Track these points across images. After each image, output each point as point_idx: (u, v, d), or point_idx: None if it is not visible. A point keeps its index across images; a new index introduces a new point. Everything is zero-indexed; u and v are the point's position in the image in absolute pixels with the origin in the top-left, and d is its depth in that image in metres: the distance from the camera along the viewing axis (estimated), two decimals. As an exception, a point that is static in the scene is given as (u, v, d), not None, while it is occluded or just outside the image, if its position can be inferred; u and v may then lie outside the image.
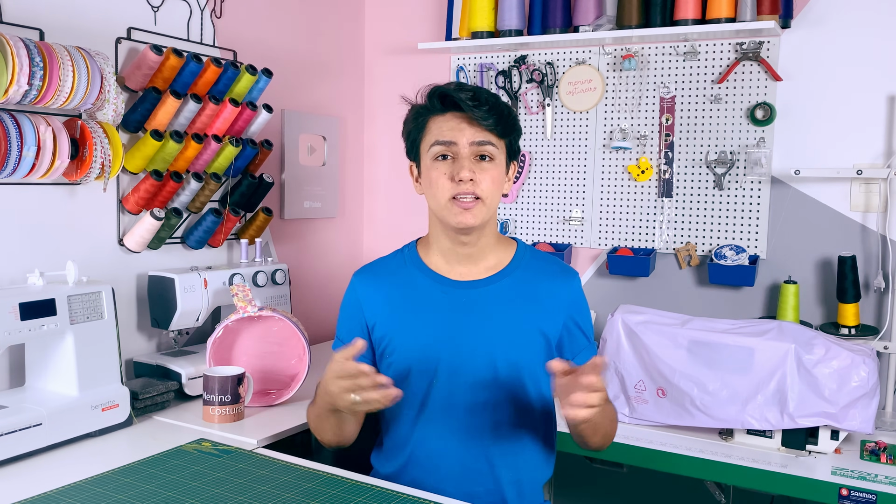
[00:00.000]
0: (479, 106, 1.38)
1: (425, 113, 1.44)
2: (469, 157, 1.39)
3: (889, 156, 2.18)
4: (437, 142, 1.41)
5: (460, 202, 1.39)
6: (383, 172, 3.01)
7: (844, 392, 1.72)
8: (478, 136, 1.39)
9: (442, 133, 1.41)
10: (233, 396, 1.80)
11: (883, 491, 1.59)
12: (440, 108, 1.42)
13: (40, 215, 1.88)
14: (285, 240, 2.66)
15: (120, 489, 1.42)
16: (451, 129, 1.40)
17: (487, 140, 1.40)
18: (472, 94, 1.40)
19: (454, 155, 1.40)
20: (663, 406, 1.88)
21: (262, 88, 2.27)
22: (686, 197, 2.46)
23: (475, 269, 1.48)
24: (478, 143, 1.39)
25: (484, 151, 1.40)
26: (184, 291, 2.03)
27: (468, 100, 1.38)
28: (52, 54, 1.69)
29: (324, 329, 2.80)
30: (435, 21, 2.84)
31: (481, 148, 1.40)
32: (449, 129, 1.40)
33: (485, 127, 1.39)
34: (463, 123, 1.40)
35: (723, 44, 2.38)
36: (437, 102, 1.42)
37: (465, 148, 1.39)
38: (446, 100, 1.41)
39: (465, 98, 1.38)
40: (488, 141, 1.40)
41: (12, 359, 1.82)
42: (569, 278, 1.52)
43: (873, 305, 2.23)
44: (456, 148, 1.40)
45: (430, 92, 1.43)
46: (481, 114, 1.38)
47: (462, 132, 1.40)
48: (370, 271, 1.55)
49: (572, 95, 2.59)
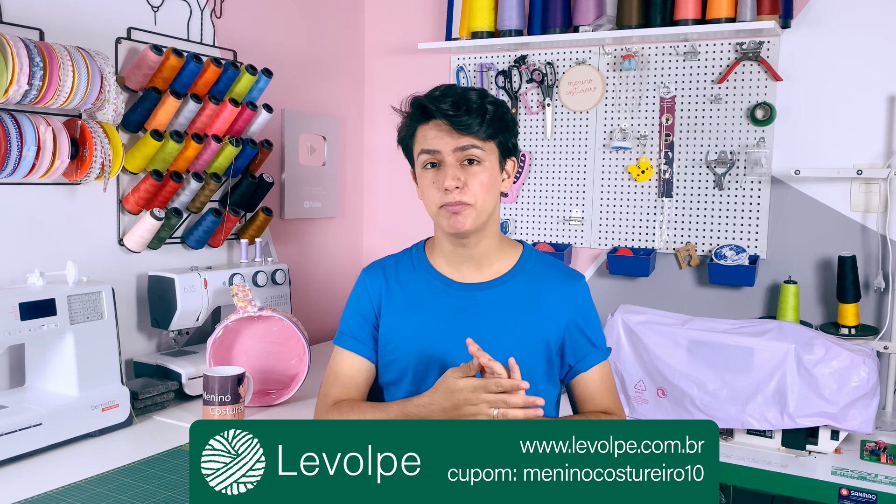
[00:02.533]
0: (458, 114, 1.36)
1: (412, 122, 1.44)
2: (454, 164, 1.38)
3: (889, 156, 2.18)
4: (423, 150, 1.41)
5: (449, 208, 1.39)
6: (383, 172, 3.01)
7: (844, 392, 1.72)
8: (461, 141, 1.38)
9: (427, 141, 1.40)
10: (233, 396, 1.80)
11: (883, 491, 1.59)
12: (422, 117, 1.42)
13: (40, 215, 1.88)
14: (285, 240, 2.66)
15: (120, 489, 1.42)
16: (435, 137, 1.39)
17: (471, 144, 1.38)
18: (453, 100, 1.38)
19: (440, 162, 1.40)
20: (663, 406, 1.88)
21: (262, 88, 2.27)
22: (686, 197, 2.46)
23: (479, 271, 1.48)
24: (461, 148, 1.38)
25: (469, 156, 1.39)
26: (184, 291, 2.03)
27: (448, 108, 1.37)
28: (52, 54, 1.69)
29: (324, 329, 2.80)
30: (435, 21, 2.83)
31: (466, 153, 1.39)
32: (433, 138, 1.40)
33: (468, 132, 1.38)
34: (444, 130, 1.39)
35: (723, 44, 2.38)
36: (418, 112, 1.42)
37: (449, 155, 1.38)
38: (426, 109, 1.40)
39: (444, 108, 1.37)
40: (472, 145, 1.38)
41: (12, 359, 1.82)
42: (573, 282, 1.50)
43: (873, 305, 2.23)
44: (440, 156, 1.39)
45: (412, 102, 1.43)
46: (462, 120, 1.37)
47: (444, 140, 1.38)
48: (379, 267, 1.56)
49: (572, 95, 2.59)
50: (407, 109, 1.45)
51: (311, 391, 1.95)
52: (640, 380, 1.91)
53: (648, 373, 1.90)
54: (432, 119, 1.40)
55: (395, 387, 1.48)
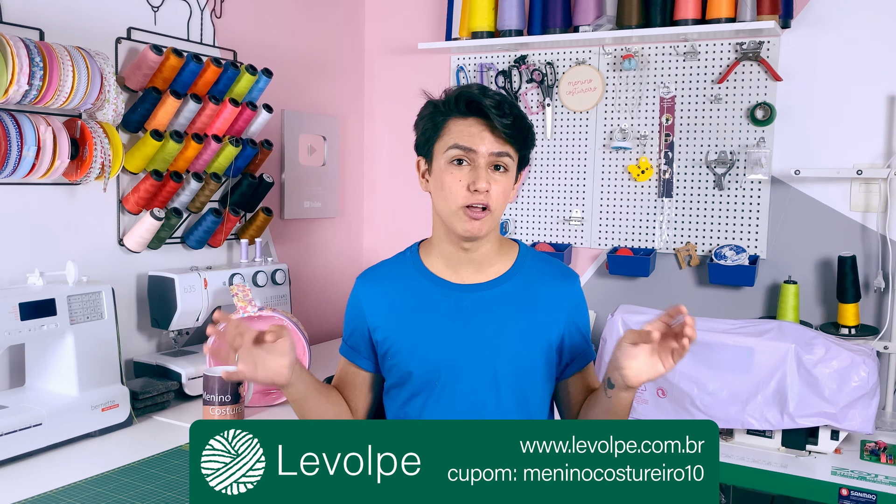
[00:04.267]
0: (503, 116, 1.36)
1: (446, 112, 1.42)
2: (486, 167, 1.38)
3: (889, 156, 2.18)
4: (457, 145, 1.38)
5: (471, 211, 1.38)
6: (383, 172, 3.01)
7: (844, 392, 1.72)
8: (497, 146, 1.38)
9: (462, 137, 1.38)
10: (233, 396, 1.80)
11: (883, 491, 1.59)
12: (464, 111, 1.40)
13: (40, 215, 1.88)
14: (285, 240, 2.66)
15: (120, 489, 1.42)
16: (472, 135, 1.38)
17: (506, 152, 1.38)
18: (497, 102, 1.37)
19: (471, 162, 1.38)
20: (663, 406, 1.88)
21: (262, 88, 2.27)
22: (686, 197, 2.46)
23: (477, 273, 1.48)
24: (496, 153, 1.38)
25: (500, 162, 1.39)
26: (184, 291, 2.03)
27: (493, 107, 1.36)
28: (52, 54, 1.69)
29: (324, 329, 2.80)
30: (435, 21, 2.83)
31: (499, 159, 1.38)
32: (470, 136, 1.38)
33: (505, 138, 1.38)
34: (485, 131, 1.38)
35: (723, 44, 2.38)
36: (463, 105, 1.39)
37: (483, 157, 1.37)
38: (472, 105, 1.38)
39: (490, 105, 1.36)
40: (506, 153, 1.38)
41: (12, 359, 1.82)
42: (569, 281, 1.51)
43: (873, 305, 2.23)
44: (474, 155, 1.38)
45: (457, 94, 1.40)
46: (505, 122, 1.36)
47: (483, 140, 1.37)
48: (372, 275, 1.55)
49: (572, 95, 2.59)
50: (441, 98, 1.42)
51: (311, 391, 1.94)
52: (640, 380, 1.91)
53: (648, 373, 1.90)
54: (472, 116, 1.39)
55: (397, 390, 1.48)
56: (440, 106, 1.42)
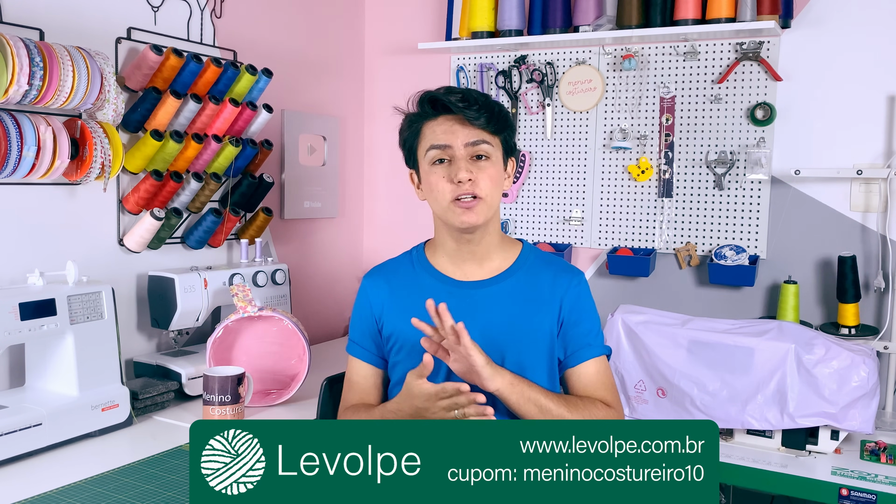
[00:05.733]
0: (469, 106, 1.40)
1: (418, 119, 1.47)
2: (465, 158, 1.41)
3: (889, 156, 2.18)
4: (433, 146, 1.43)
5: (461, 203, 1.41)
6: (383, 172, 3.01)
7: (844, 392, 1.72)
8: (471, 136, 1.41)
9: (436, 137, 1.42)
10: (233, 396, 1.80)
11: (883, 491, 1.59)
12: (432, 112, 1.44)
13: (40, 215, 1.88)
14: (285, 240, 2.66)
15: (120, 489, 1.42)
16: (445, 131, 1.42)
17: (482, 139, 1.41)
18: (462, 95, 1.41)
19: (450, 157, 1.42)
20: (663, 406, 1.88)
21: (262, 88, 2.27)
22: (686, 197, 2.46)
23: (480, 269, 1.50)
24: (472, 143, 1.41)
25: (479, 151, 1.42)
26: (184, 291, 2.03)
27: (458, 101, 1.40)
28: (52, 54, 1.69)
29: (324, 329, 2.80)
30: (435, 21, 2.83)
31: (476, 148, 1.42)
32: (442, 133, 1.42)
33: (477, 126, 1.41)
34: (456, 125, 1.42)
35: (723, 44, 2.38)
36: (428, 107, 1.44)
37: (460, 149, 1.41)
38: (437, 103, 1.43)
39: (454, 100, 1.40)
40: (482, 140, 1.41)
41: (12, 359, 1.82)
42: (571, 276, 1.52)
43: (873, 305, 2.23)
44: (451, 150, 1.41)
45: (420, 98, 1.46)
46: (472, 113, 1.40)
47: (455, 134, 1.41)
48: (379, 272, 1.58)
49: (572, 95, 2.59)
50: (412, 109, 1.47)
51: (311, 391, 1.95)
52: (640, 380, 1.91)
53: (648, 373, 1.90)
54: (441, 115, 1.43)
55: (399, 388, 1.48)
56: (411, 116, 1.48)
